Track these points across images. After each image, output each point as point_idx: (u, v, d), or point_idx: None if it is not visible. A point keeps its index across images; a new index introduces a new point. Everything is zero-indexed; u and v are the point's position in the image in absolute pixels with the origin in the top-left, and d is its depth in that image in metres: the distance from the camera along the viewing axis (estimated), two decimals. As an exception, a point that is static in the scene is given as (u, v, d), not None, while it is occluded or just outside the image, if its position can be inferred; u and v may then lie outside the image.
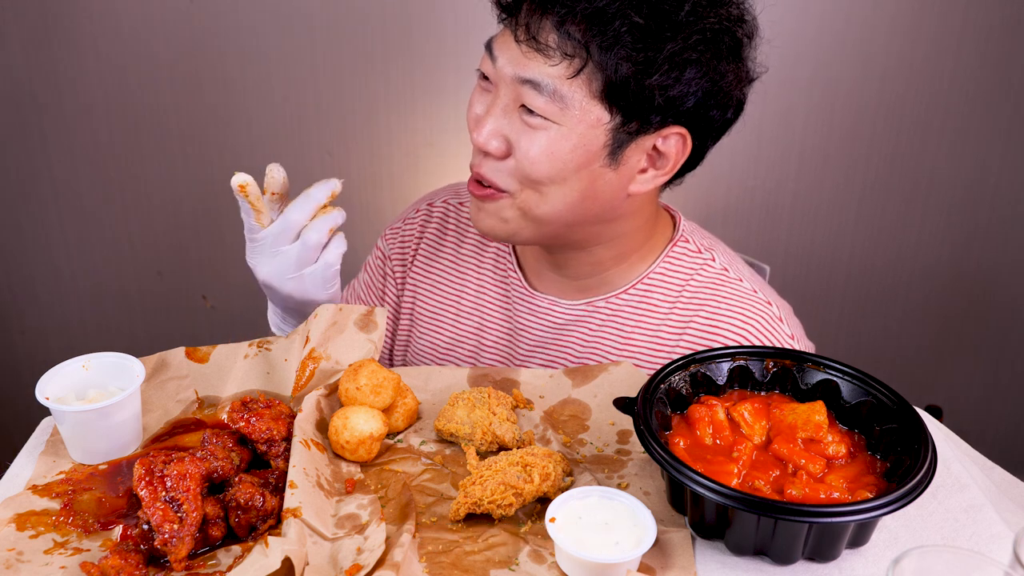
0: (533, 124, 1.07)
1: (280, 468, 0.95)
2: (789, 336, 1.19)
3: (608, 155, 1.08)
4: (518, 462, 0.91)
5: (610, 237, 1.18)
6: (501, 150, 1.09)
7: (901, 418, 0.90)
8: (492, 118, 1.09)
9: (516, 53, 1.06)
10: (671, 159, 1.11)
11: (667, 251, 1.23)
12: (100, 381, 1.01)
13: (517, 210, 1.12)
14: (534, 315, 1.27)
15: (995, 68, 2.20)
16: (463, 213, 1.35)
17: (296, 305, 1.16)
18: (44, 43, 2.17)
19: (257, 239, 1.11)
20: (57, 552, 0.86)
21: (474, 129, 1.11)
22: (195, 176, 2.32)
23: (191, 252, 2.40)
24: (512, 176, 1.10)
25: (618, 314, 1.23)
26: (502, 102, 1.08)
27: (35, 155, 2.29)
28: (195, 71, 2.20)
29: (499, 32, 1.10)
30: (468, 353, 1.31)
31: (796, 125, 2.26)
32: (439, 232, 1.35)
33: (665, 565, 0.84)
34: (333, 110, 2.25)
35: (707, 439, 0.92)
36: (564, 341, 1.25)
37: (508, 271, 1.30)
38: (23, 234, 2.37)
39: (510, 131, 1.08)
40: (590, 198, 1.11)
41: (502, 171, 1.10)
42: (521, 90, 1.06)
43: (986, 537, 0.87)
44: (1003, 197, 2.34)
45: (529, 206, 1.11)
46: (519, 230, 1.14)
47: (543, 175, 1.08)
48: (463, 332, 1.32)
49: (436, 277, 1.34)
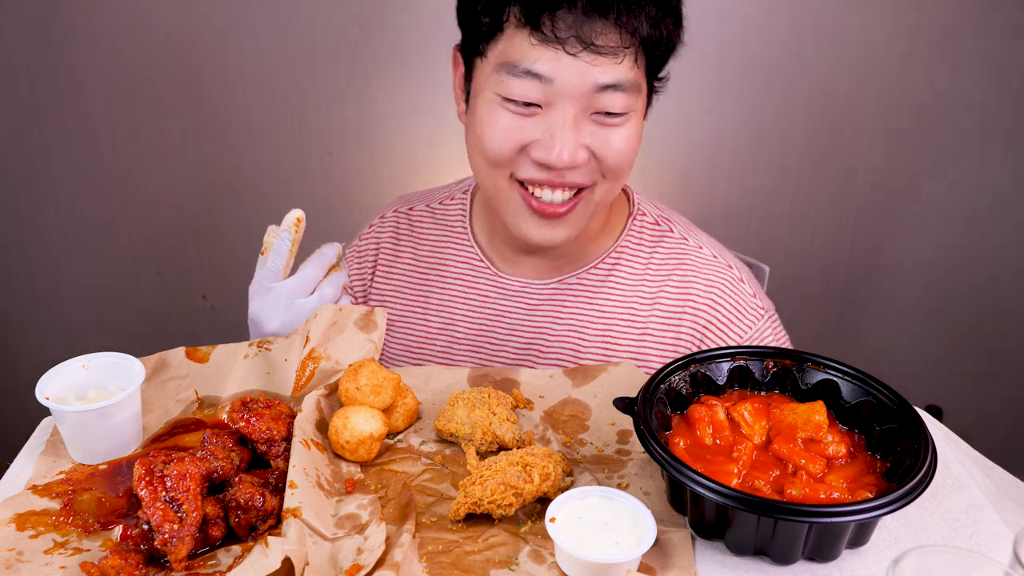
0: (615, 123, 1.09)
1: (280, 468, 0.95)
2: (751, 295, 1.25)
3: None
4: (518, 462, 0.91)
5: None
6: (584, 160, 1.09)
7: (901, 418, 0.90)
8: (567, 135, 1.07)
9: (578, 65, 1.04)
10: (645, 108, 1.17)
11: (629, 225, 1.28)
12: (100, 381, 1.01)
13: (592, 204, 1.15)
14: (508, 298, 1.29)
15: (995, 70, 2.20)
16: (414, 218, 1.36)
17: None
18: (44, 43, 2.17)
19: (274, 288, 1.11)
20: (57, 552, 0.86)
21: (546, 152, 1.07)
22: (195, 176, 2.32)
23: (191, 252, 2.40)
24: (593, 173, 1.12)
25: (589, 289, 1.26)
26: (571, 117, 1.07)
27: (35, 155, 2.29)
28: (195, 71, 2.20)
29: (527, 52, 1.05)
30: (441, 348, 1.32)
31: (796, 125, 2.26)
32: (393, 241, 1.36)
33: (665, 565, 0.84)
34: (333, 110, 2.25)
35: (707, 439, 0.92)
36: (540, 320, 1.27)
37: (473, 261, 1.31)
38: (23, 234, 2.37)
39: (590, 140, 1.08)
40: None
41: (581, 172, 1.11)
42: (596, 98, 1.06)
43: (986, 537, 0.87)
44: (1003, 198, 2.34)
45: (605, 198, 1.15)
46: (586, 220, 1.17)
47: (627, 162, 1.12)
48: (433, 329, 1.32)
49: (398, 282, 1.35)
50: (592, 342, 1.25)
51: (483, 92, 1.11)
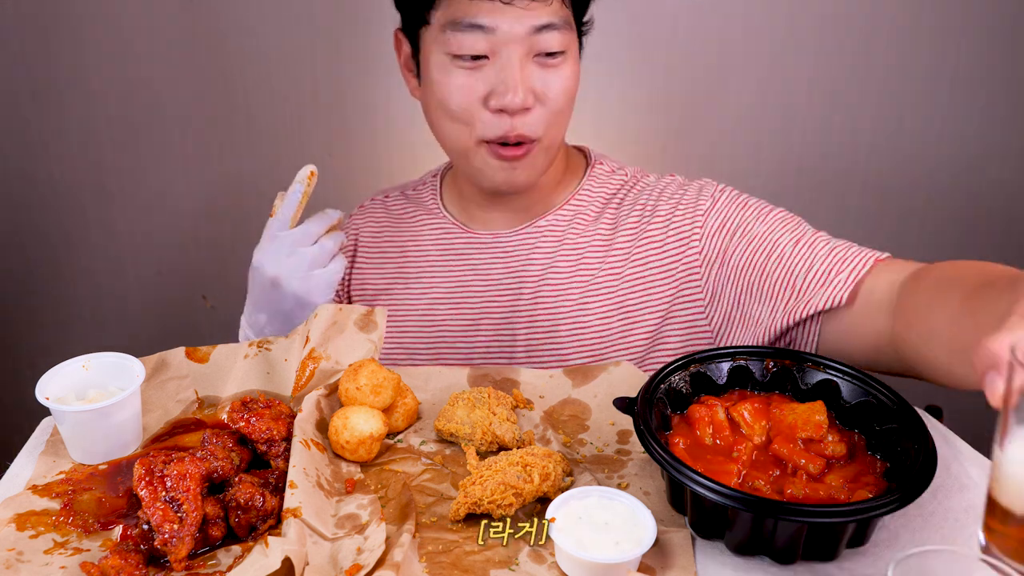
0: (554, 63, 1.17)
1: (280, 468, 0.95)
2: (699, 180, 1.31)
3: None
4: (518, 462, 0.91)
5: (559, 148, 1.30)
6: (532, 102, 1.17)
7: (901, 418, 0.90)
8: (517, 76, 1.15)
9: (514, 12, 1.13)
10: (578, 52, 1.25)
11: (589, 171, 1.36)
12: (100, 381, 1.01)
13: (545, 152, 1.22)
14: (481, 251, 1.33)
15: (995, 68, 2.19)
16: (389, 203, 1.45)
17: (292, 308, 1.17)
18: (44, 43, 2.17)
19: (279, 236, 1.16)
20: (57, 552, 0.86)
21: (502, 97, 1.15)
22: (195, 176, 2.32)
23: (191, 252, 2.40)
24: (540, 122, 1.18)
25: (557, 227, 1.32)
26: (516, 62, 1.15)
27: (35, 155, 2.29)
28: (195, 71, 2.20)
29: (467, 6, 1.14)
30: (423, 311, 1.34)
31: (796, 125, 2.26)
32: (372, 225, 1.44)
33: (665, 565, 0.84)
34: (333, 110, 2.25)
35: (707, 439, 0.92)
36: (514, 266, 1.32)
37: (445, 226, 1.37)
38: (23, 234, 2.37)
39: (533, 82, 1.17)
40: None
41: (531, 123, 1.18)
42: (536, 40, 1.15)
43: (986, 537, 0.86)
44: (1003, 198, 2.34)
45: (555, 141, 1.23)
46: (544, 168, 1.25)
47: (567, 102, 1.20)
48: (414, 294, 1.36)
49: (378, 259, 1.41)
50: (568, 274, 1.29)
51: (433, 56, 1.19)
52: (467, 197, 1.35)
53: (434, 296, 1.34)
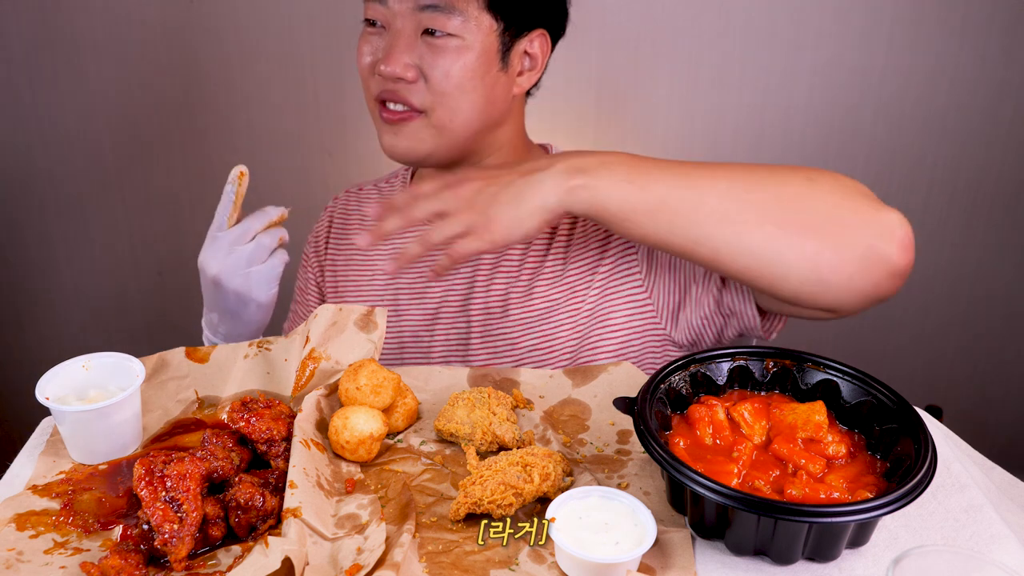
0: (439, 44, 1.19)
1: (280, 468, 0.95)
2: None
3: (500, 59, 1.23)
4: (518, 462, 0.91)
5: (499, 145, 1.32)
6: (412, 75, 1.20)
7: (901, 418, 0.90)
8: (398, 50, 1.19)
9: None
10: (539, 59, 1.28)
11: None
12: (100, 381, 1.01)
13: (432, 129, 1.23)
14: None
15: (995, 68, 2.20)
16: (362, 195, 1.48)
17: (235, 305, 1.20)
18: (44, 43, 2.17)
19: (218, 237, 1.19)
20: (57, 552, 0.86)
21: (381, 65, 1.20)
22: (195, 176, 2.32)
23: (191, 252, 2.39)
24: (426, 94, 1.21)
25: None
26: (404, 36, 1.19)
27: (35, 155, 2.29)
28: (195, 71, 2.20)
29: None
30: (390, 299, 1.37)
31: (796, 125, 2.27)
32: (342, 215, 1.48)
33: (665, 565, 0.84)
34: (333, 110, 2.25)
35: (707, 439, 0.92)
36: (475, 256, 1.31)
37: None
38: (23, 234, 2.37)
39: (418, 59, 1.20)
40: (491, 102, 1.24)
41: (415, 92, 1.21)
42: (421, 17, 1.18)
43: (986, 537, 0.87)
44: (1003, 197, 2.34)
45: (443, 122, 1.23)
46: (435, 149, 1.25)
47: (455, 86, 1.20)
48: (380, 283, 1.38)
49: (346, 252, 1.44)
50: (518, 260, 1.30)
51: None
52: (425, 180, 1.35)
53: (397, 287, 1.37)
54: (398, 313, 1.36)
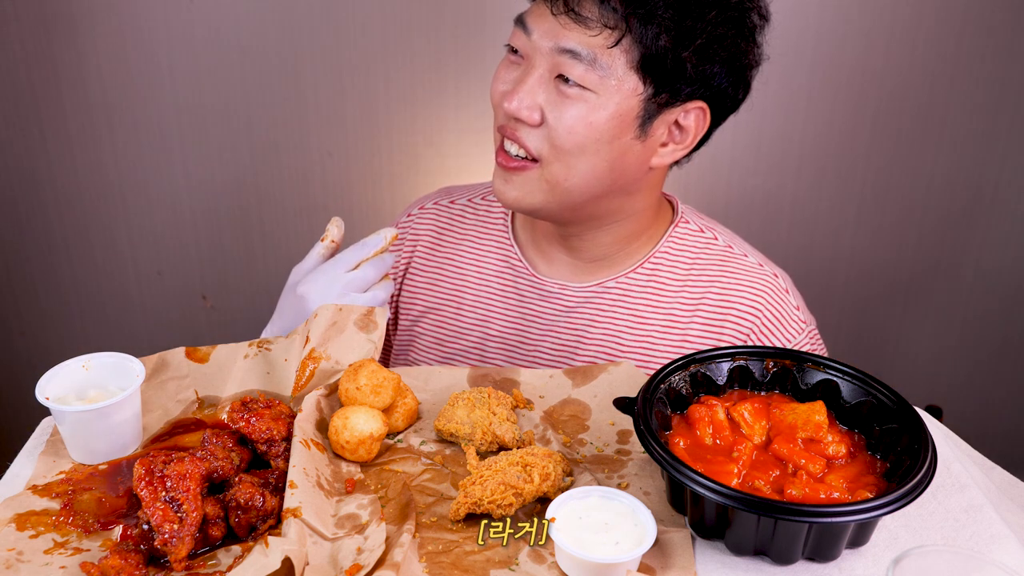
0: (570, 94, 1.10)
1: (280, 468, 0.95)
2: (795, 308, 1.24)
3: (639, 126, 1.12)
4: (518, 462, 0.91)
5: (627, 214, 1.22)
6: (534, 118, 1.11)
7: (901, 418, 0.90)
8: (526, 87, 1.11)
9: (554, 25, 1.09)
10: (691, 133, 1.16)
11: (670, 231, 1.27)
12: (100, 381, 1.01)
13: (544, 182, 1.14)
14: (544, 300, 1.28)
15: (995, 68, 2.20)
16: (455, 211, 1.37)
17: None
18: (44, 42, 2.17)
19: (337, 277, 1.12)
20: (57, 552, 0.86)
21: (505, 100, 1.12)
22: (195, 176, 2.32)
23: (191, 252, 2.40)
24: (544, 142, 1.12)
25: (628, 293, 1.25)
26: (537, 73, 1.11)
27: (35, 154, 2.29)
28: (195, 71, 2.20)
29: (532, 6, 1.13)
30: (473, 345, 1.31)
31: (796, 125, 2.26)
32: (432, 232, 1.37)
33: (665, 565, 0.84)
34: (333, 110, 2.25)
35: (707, 439, 0.92)
36: (575, 323, 1.26)
37: (511, 260, 1.31)
38: (23, 234, 2.37)
39: (544, 102, 1.11)
40: (617, 170, 1.14)
41: (534, 136, 1.12)
42: (559, 60, 1.09)
43: (986, 537, 0.87)
44: (1003, 196, 2.34)
45: (557, 178, 1.13)
46: (545, 204, 1.16)
47: (575, 144, 1.10)
48: (466, 324, 1.32)
49: (433, 274, 1.35)
50: (629, 347, 1.24)
51: None
52: (538, 228, 1.29)
53: (487, 331, 1.30)
54: (483, 356, 1.29)
